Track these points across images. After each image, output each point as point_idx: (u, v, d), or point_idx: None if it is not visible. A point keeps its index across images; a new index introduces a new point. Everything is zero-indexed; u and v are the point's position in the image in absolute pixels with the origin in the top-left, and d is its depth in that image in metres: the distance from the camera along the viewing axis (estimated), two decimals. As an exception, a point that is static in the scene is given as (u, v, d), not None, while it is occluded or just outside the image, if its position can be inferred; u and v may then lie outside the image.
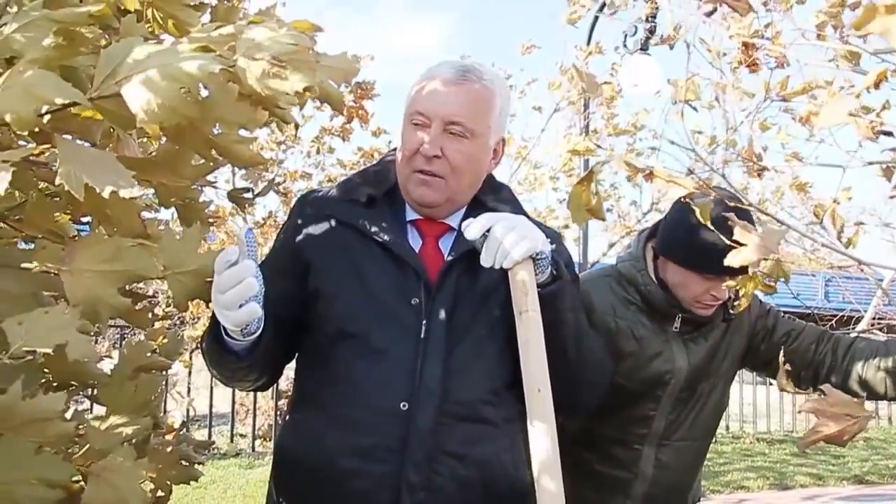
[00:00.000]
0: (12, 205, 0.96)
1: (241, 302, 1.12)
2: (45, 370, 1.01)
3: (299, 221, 1.45)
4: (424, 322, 1.33)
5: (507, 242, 1.24)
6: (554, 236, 1.48)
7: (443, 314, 1.34)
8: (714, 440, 2.05)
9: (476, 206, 1.46)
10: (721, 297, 1.71)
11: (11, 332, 0.79)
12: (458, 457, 1.31)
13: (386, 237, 1.38)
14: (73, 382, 1.05)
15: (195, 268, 0.96)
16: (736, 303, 1.59)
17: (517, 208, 1.51)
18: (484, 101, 1.39)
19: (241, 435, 7.38)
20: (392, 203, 1.45)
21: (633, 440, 1.81)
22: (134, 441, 1.03)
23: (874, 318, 3.72)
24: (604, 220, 1.56)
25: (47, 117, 0.70)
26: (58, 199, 1.01)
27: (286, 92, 0.74)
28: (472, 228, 1.26)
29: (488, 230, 1.26)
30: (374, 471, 1.28)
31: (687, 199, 1.40)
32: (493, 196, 1.50)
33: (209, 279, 1.00)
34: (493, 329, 1.36)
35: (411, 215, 1.46)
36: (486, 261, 1.26)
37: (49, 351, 0.80)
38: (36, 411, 0.81)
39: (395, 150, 1.52)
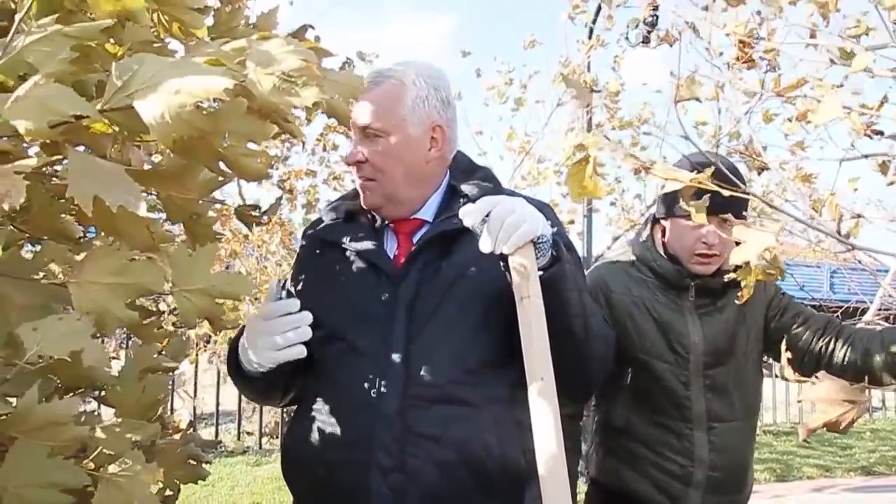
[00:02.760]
0: (20, 208, 0.97)
1: (289, 344, 1.30)
2: (54, 373, 1.01)
3: (300, 257, 1.62)
4: (391, 313, 1.39)
5: (507, 227, 1.21)
6: (542, 208, 1.45)
7: (404, 302, 1.39)
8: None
9: (452, 195, 1.49)
10: (711, 242, 1.78)
11: (27, 338, 0.80)
12: (433, 438, 1.32)
13: (359, 244, 1.47)
14: (82, 386, 1.05)
15: (203, 286, 0.95)
16: (740, 292, 1.60)
17: (498, 187, 1.50)
18: (390, 98, 1.43)
19: (248, 433, 7.41)
20: (368, 214, 1.54)
21: (681, 427, 1.86)
22: (142, 444, 1.04)
23: (880, 309, 3.70)
24: (601, 198, 1.60)
25: (60, 129, 0.70)
26: (63, 200, 1.02)
27: (296, 106, 0.75)
28: (471, 215, 1.23)
29: (487, 214, 1.23)
30: (356, 459, 1.33)
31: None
32: (466, 180, 1.51)
33: (218, 299, 0.99)
34: (463, 309, 1.37)
35: (387, 219, 1.54)
36: (485, 246, 1.23)
37: (65, 357, 0.80)
38: (50, 416, 0.82)
39: None
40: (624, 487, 1.94)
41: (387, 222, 1.52)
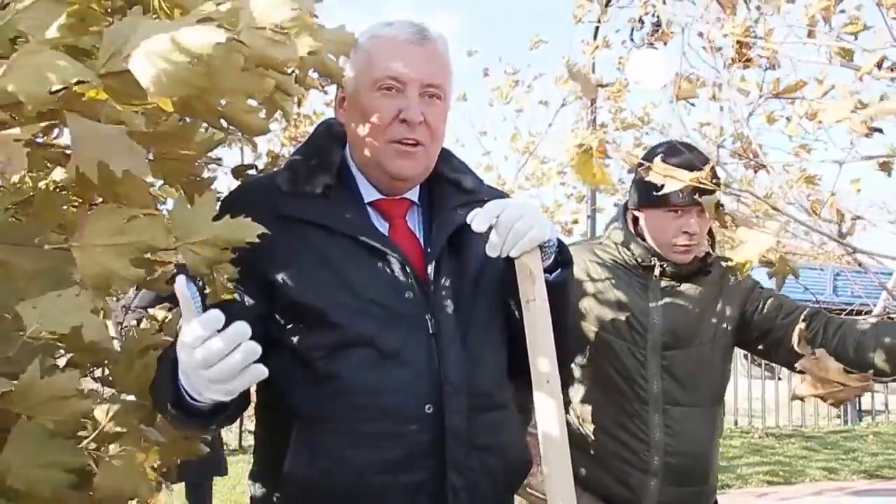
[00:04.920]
0: (21, 198, 0.98)
1: (242, 368, 0.96)
2: (61, 345, 1.02)
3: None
4: (429, 317, 1.25)
5: (517, 231, 1.19)
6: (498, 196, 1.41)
7: (449, 306, 1.26)
8: (722, 434, 2.06)
9: (435, 178, 1.38)
10: (693, 231, 1.79)
11: (27, 315, 0.80)
12: (486, 448, 1.26)
13: (358, 230, 1.26)
14: (87, 361, 1.06)
15: (208, 236, 0.95)
16: (730, 264, 1.61)
17: (475, 177, 1.45)
18: (447, 59, 1.33)
19: (250, 431, 7.40)
20: (346, 188, 1.32)
21: (636, 408, 1.86)
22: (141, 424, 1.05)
23: (883, 312, 3.69)
24: (610, 184, 1.62)
25: (57, 96, 0.70)
26: (65, 192, 1.02)
27: (291, 58, 0.75)
28: (480, 219, 1.19)
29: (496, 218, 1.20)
30: (408, 481, 1.20)
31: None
32: (448, 166, 1.41)
33: (224, 247, 0.98)
34: (491, 311, 1.34)
35: (369, 196, 1.33)
36: (492, 250, 1.21)
37: (65, 331, 0.80)
38: (54, 390, 0.82)
39: (323, 125, 1.40)
40: (586, 480, 1.93)
41: (368, 200, 1.32)
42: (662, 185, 1.54)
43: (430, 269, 1.28)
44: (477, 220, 1.20)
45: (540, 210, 1.52)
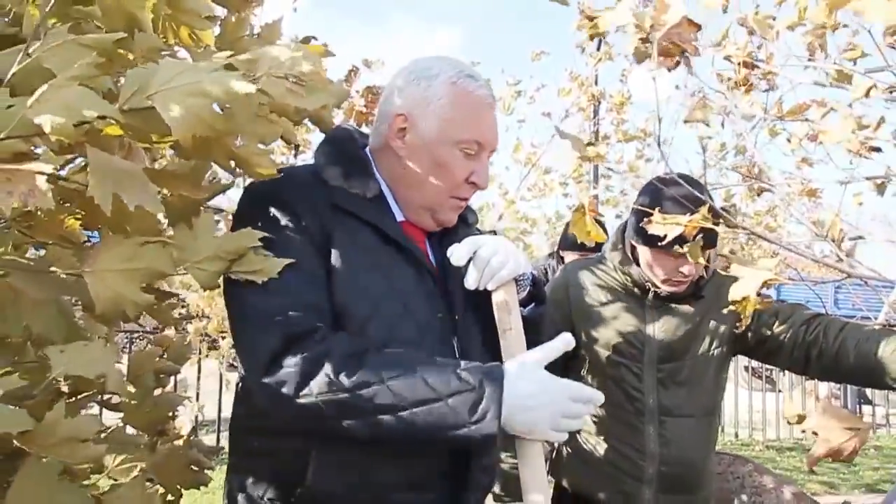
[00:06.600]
0: (23, 211, 0.98)
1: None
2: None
3: (303, 209, 1.21)
4: (455, 339, 1.30)
5: (494, 265, 1.26)
6: None
7: (472, 328, 1.35)
8: (717, 443, 2.06)
9: None
10: (689, 273, 1.82)
11: (55, 360, 0.83)
12: (483, 468, 1.33)
13: (405, 240, 1.29)
14: (91, 391, 1.07)
15: (213, 252, 0.98)
16: (738, 324, 1.63)
17: (473, 211, 1.52)
18: None
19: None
20: (383, 202, 1.34)
21: (633, 420, 1.90)
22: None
23: (885, 324, 3.69)
24: (605, 240, 1.65)
25: (82, 129, 0.72)
26: (68, 205, 1.03)
27: (306, 109, 0.77)
28: (459, 253, 1.27)
29: (474, 252, 1.28)
30: (427, 500, 1.24)
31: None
32: None
33: (230, 258, 0.99)
34: (487, 330, 1.36)
35: (399, 216, 1.36)
36: (471, 283, 1.28)
37: (90, 378, 0.82)
38: (73, 432, 0.83)
39: (346, 133, 1.38)
40: (584, 489, 1.98)
41: (399, 219, 1.35)
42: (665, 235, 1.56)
43: (457, 294, 1.34)
44: (455, 254, 1.28)
45: (515, 247, 1.54)
